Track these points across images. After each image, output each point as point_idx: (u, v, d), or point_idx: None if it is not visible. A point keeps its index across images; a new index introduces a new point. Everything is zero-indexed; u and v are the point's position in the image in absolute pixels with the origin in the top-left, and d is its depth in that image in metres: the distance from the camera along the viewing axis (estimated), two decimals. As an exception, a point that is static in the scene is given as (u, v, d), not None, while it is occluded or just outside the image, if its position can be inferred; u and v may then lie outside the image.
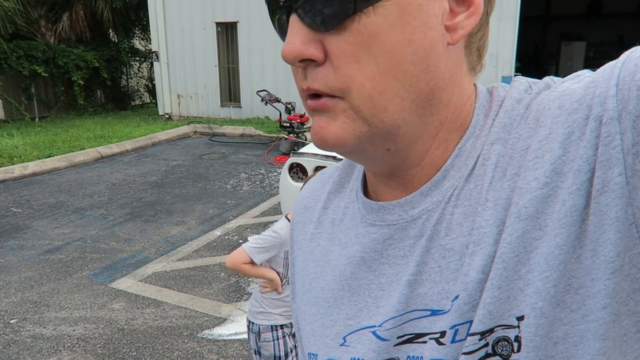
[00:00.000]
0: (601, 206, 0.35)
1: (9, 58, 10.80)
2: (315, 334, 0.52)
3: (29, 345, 2.93)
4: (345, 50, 0.39)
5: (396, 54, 0.39)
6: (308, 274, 0.55)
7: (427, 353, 0.43)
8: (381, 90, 0.40)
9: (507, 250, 0.39)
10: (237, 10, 10.78)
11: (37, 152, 7.87)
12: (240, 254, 1.90)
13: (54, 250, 4.36)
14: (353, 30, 0.38)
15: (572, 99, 0.38)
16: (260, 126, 10.26)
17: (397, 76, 0.39)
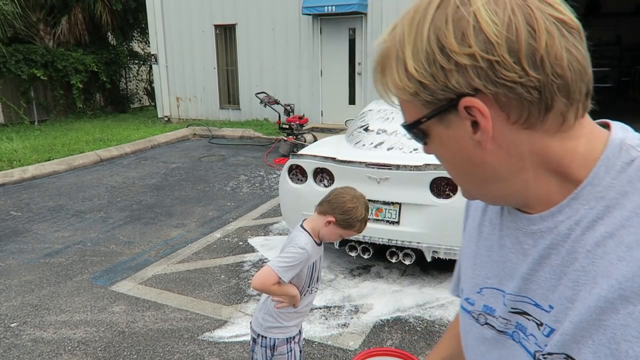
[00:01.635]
0: None
1: (8, 62, 10.81)
2: (465, 277, 0.75)
3: (30, 349, 2.93)
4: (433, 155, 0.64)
5: (451, 163, 0.62)
6: (470, 236, 0.76)
7: (530, 327, 0.61)
8: (457, 178, 0.64)
9: (598, 313, 0.53)
10: (236, 12, 10.80)
11: (36, 156, 7.88)
12: (269, 275, 1.78)
13: (54, 253, 4.36)
14: (429, 148, 0.63)
15: None
16: (260, 128, 10.27)
17: (461, 173, 0.62)
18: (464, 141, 0.57)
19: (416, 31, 0.54)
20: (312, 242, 1.86)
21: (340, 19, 9.94)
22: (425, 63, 0.54)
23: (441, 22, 0.53)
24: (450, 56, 0.52)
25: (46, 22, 12.51)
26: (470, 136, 0.56)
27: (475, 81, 0.52)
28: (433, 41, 0.53)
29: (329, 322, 3.16)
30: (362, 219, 1.84)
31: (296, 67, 10.56)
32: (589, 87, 0.59)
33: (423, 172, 3.33)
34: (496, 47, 0.51)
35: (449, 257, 3.44)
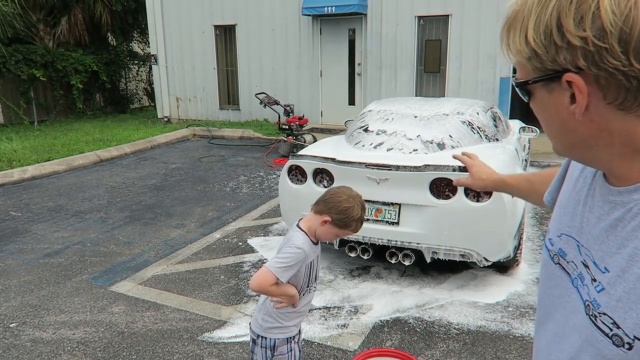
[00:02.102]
0: None
1: (7, 62, 10.81)
2: (553, 220, 0.85)
3: (29, 349, 2.93)
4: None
5: (547, 123, 0.69)
6: (567, 186, 0.85)
7: (587, 279, 0.70)
8: (550, 136, 0.71)
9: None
10: (236, 13, 10.81)
11: (36, 156, 7.87)
12: (267, 276, 1.77)
13: (54, 254, 4.36)
14: (531, 105, 0.70)
15: None
16: (259, 128, 10.27)
17: (554, 133, 0.70)
18: (561, 109, 0.65)
19: (543, 4, 0.61)
20: (309, 242, 1.87)
21: (340, 19, 9.94)
22: (542, 36, 0.61)
23: (566, 3, 0.59)
24: (565, 35, 0.59)
25: (46, 22, 12.51)
26: (566, 106, 0.63)
27: (581, 62, 0.59)
28: (554, 18, 0.60)
29: (328, 322, 3.16)
30: (358, 218, 1.84)
31: (296, 67, 10.57)
32: None
33: (423, 173, 3.34)
34: (608, 35, 0.56)
35: (448, 258, 3.44)
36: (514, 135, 4.72)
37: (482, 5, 8.83)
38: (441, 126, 3.88)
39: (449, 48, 9.21)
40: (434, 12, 9.19)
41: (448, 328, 3.07)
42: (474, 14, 8.91)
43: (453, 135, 3.82)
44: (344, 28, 10.03)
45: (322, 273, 3.84)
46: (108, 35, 13.92)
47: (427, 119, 4.00)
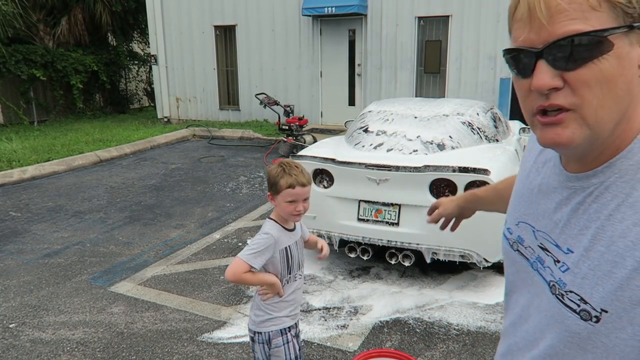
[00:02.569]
0: None
1: (7, 62, 10.81)
2: (510, 210, 0.89)
3: (28, 350, 2.92)
4: (583, 80, 0.60)
5: (614, 84, 0.60)
6: (520, 177, 0.88)
7: (547, 261, 0.75)
8: (602, 105, 0.61)
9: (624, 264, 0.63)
10: (236, 13, 10.81)
11: (35, 156, 7.87)
12: (239, 264, 1.84)
13: (53, 254, 4.35)
14: (588, 69, 0.60)
15: None
16: (259, 129, 10.27)
17: (613, 98, 0.61)
18: (632, 66, 0.61)
19: None
20: (278, 227, 1.93)
21: (340, 20, 9.95)
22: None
23: None
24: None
25: (46, 22, 12.51)
26: (636, 62, 0.61)
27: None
28: None
29: (328, 323, 3.15)
30: (279, 173, 1.88)
31: (296, 68, 10.57)
32: None
33: (423, 174, 3.34)
34: None
35: (448, 259, 3.43)
36: (514, 136, 4.72)
37: (482, 6, 8.84)
38: (441, 127, 3.88)
39: (449, 49, 9.21)
40: (434, 13, 9.20)
41: (448, 329, 3.07)
42: (474, 15, 8.92)
43: (453, 136, 3.82)
44: (344, 28, 10.03)
45: (322, 274, 3.84)
46: (108, 36, 13.92)
47: (427, 119, 4.00)
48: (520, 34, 0.63)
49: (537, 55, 0.62)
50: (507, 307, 0.89)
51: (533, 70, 0.63)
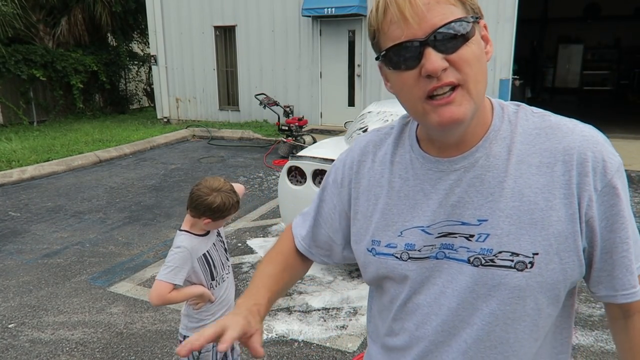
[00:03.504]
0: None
1: (7, 62, 10.81)
2: (379, 228, 0.86)
3: (28, 350, 2.92)
4: (464, 59, 0.73)
5: (482, 62, 0.76)
6: (374, 193, 0.88)
7: (457, 243, 0.79)
8: (479, 80, 0.74)
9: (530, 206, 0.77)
10: (235, 14, 10.81)
11: (35, 156, 7.87)
12: (160, 286, 1.82)
13: (53, 254, 4.35)
14: (465, 50, 0.73)
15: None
16: (259, 129, 10.28)
17: (483, 73, 0.75)
18: (482, 47, 0.77)
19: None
20: (191, 237, 1.90)
21: (340, 20, 9.95)
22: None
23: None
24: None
25: (46, 22, 12.51)
26: (481, 48, 0.77)
27: (479, 12, 0.77)
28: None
29: (327, 324, 3.16)
30: (232, 205, 1.88)
31: (296, 68, 10.57)
32: None
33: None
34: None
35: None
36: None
37: (482, 7, 8.82)
38: (441, 127, 3.88)
39: (449, 49, 9.21)
40: (434, 14, 9.20)
41: (447, 329, 3.07)
42: (474, 16, 8.92)
43: (452, 136, 3.82)
44: (344, 29, 10.04)
45: (321, 274, 3.84)
46: (108, 36, 13.93)
47: (427, 120, 4.00)
48: (399, 32, 0.72)
49: (423, 44, 0.71)
50: (399, 318, 0.87)
51: (420, 59, 0.72)
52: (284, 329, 3.09)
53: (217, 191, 1.86)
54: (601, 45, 16.64)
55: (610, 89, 16.79)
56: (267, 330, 3.09)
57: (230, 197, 1.87)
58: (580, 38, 16.57)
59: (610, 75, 16.78)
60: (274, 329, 3.09)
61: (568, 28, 16.68)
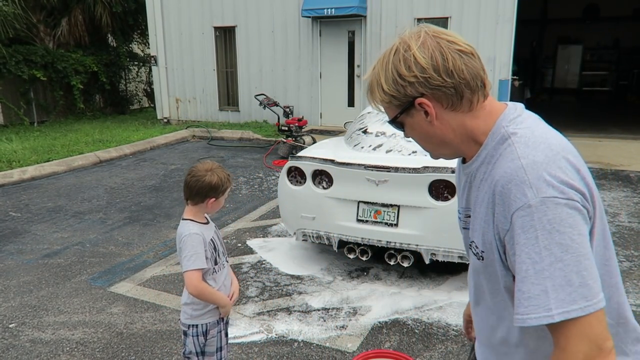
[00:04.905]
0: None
1: (8, 63, 10.82)
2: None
3: (28, 350, 2.93)
4: (410, 136, 1.08)
5: (418, 135, 1.05)
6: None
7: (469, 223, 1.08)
8: (426, 145, 1.08)
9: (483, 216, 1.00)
10: (235, 14, 10.83)
11: (35, 157, 7.88)
12: (191, 276, 1.88)
13: (53, 254, 4.36)
14: (407, 131, 1.07)
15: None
16: (259, 130, 10.29)
17: (424, 140, 1.06)
18: (423, 124, 1.02)
19: (385, 68, 0.99)
20: (197, 224, 1.97)
21: (340, 21, 9.97)
22: (392, 84, 0.99)
23: (397, 61, 0.97)
24: (404, 78, 0.97)
25: (46, 23, 12.52)
26: (425, 120, 1.01)
27: (420, 89, 0.97)
28: (395, 72, 0.98)
29: (327, 324, 3.16)
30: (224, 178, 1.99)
31: (295, 69, 10.59)
32: (483, 81, 0.99)
33: (422, 175, 3.35)
34: (427, 70, 0.95)
35: (447, 260, 3.45)
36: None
37: (481, 8, 8.86)
38: (440, 128, 3.89)
39: (449, 50, 9.22)
40: (433, 15, 9.22)
41: (447, 329, 3.08)
42: (473, 17, 8.94)
43: (452, 137, 3.83)
44: (344, 30, 10.05)
45: (321, 274, 3.85)
46: (108, 37, 13.93)
47: (426, 121, 4.01)
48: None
49: (393, 122, 1.07)
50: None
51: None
52: (284, 329, 3.10)
53: (210, 171, 1.95)
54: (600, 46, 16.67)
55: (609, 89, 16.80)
56: (267, 330, 3.10)
57: (223, 172, 2.00)
58: (580, 39, 16.59)
59: (609, 75, 16.79)
60: (274, 329, 3.10)
61: (567, 29, 16.70)
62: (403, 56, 0.96)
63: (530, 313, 0.85)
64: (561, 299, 0.83)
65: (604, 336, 0.84)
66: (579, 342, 0.83)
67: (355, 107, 10.23)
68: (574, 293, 0.83)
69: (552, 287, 0.83)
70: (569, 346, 0.84)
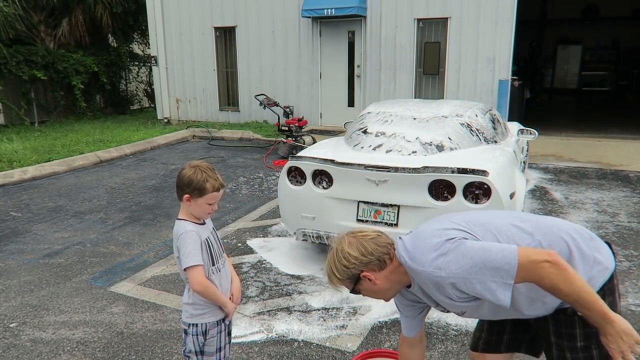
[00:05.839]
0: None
1: (8, 63, 10.83)
2: None
3: (29, 349, 2.94)
4: (363, 295, 1.70)
5: (369, 294, 1.67)
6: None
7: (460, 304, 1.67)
8: (375, 293, 1.68)
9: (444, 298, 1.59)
10: (236, 15, 10.84)
11: (36, 157, 7.89)
12: (192, 273, 1.89)
13: (54, 254, 4.37)
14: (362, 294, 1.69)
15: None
16: (259, 130, 10.30)
17: (376, 294, 1.67)
18: (370, 286, 1.59)
19: (334, 264, 1.59)
20: (192, 223, 1.96)
21: (340, 21, 9.98)
22: (343, 273, 1.57)
23: (339, 258, 1.57)
24: (349, 267, 1.56)
25: (47, 23, 12.53)
26: (372, 284, 1.58)
27: (360, 269, 1.57)
28: (341, 266, 1.57)
29: (327, 323, 3.17)
30: (204, 178, 1.89)
31: (295, 69, 10.60)
32: (388, 244, 1.60)
33: (422, 175, 3.36)
34: (358, 257, 1.55)
35: (446, 259, 3.45)
36: (512, 137, 4.74)
37: (481, 8, 8.87)
38: (440, 128, 3.91)
39: (448, 50, 9.24)
40: (433, 15, 9.23)
41: (446, 329, 3.09)
42: (473, 17, 8.95)
43: (452, 137, 3.84)
44: (344, 30, 10.06)
45: (321, 274, 3.86)
46: (108, 37, 13.95)
47: (426, 121, 4.03)
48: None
49: (353, 292, 1.64)
50: None
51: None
52: (284, 329, 3.11)
53: (195, 167, 1.92)
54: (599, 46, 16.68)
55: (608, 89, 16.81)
56: (267, 330, 3.11)
57: (208, 174, 1.90)
58: (579, 39, 16.60)
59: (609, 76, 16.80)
60: (274, 329, 3.11)
61: (567, 29, 16.71)
62: (342, 254, 1.56)
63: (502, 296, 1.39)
64: (502, 276, 1.38)
65: (537, 251, 1.37)
66: (537, 268, 1.35)
67: (355, 107, 10.24)
68: (501, 269, 1.38)
69: (494, 277, 1.38)
70: (536, 274, 1.35)
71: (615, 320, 1.37)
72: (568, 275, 1.33)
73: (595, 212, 5.24)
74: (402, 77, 9.69)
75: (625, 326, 1.38)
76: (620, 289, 3.55)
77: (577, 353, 1.54)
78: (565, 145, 8.40)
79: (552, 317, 1.56)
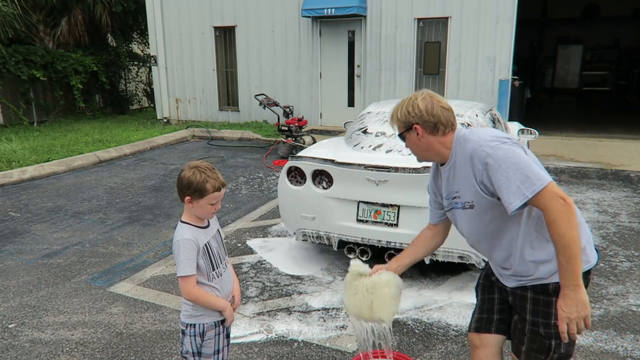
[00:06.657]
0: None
1: (7, 63, 10.82)
2: (442, 194, 1.96)
3: (28, 350, 2.93)
4: (408, 145, 1.91)
5: (415, 147, 1.87)
6: (433, 180, 2.00)
7: (457, 200, 1.82)
8: (418, 152, 1.89)
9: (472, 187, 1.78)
10: (235, 14, 10.83)
11: (35, 157, 7.88)
12: (183, 282, 1.89)
13: (53, 254, 4.36)
14: (406, 142, 1.89)
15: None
16: (259, 130, 10.28)
17: (417, 150, 1.87)
18: (415, 139, 1.80)
19: (402, 106, 1.79)
20: (193, 229, 1.93)
21: (340, 21, 9.97)
22: (403, 117, 1.79)
23: (408, 104, 1.78)
24: (410, 114, 1.76)
25: (46, 23, 12.51)
26: (417, 138, 1.79)
27: (416, 121, 1.76)
28: (405, 110, 1.78)
29: (327, 324, 3.16)
30: (204, 179, 1.87)
31: (295, 69, 10.59)
32: (453, 123, 1.76)
33: (422, 175, 3.34)
34: (423, 113, 1.75)
35: (447, 260, 3.44)
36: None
37: (481, 8, 8.86)
38: (440, 128, 3.89)
39: (448, 50, 9.23)
40: (433, 15, 9.22)
41: (447, 330, 3.08)
42: (473, 17, 8.94)
43: (452, 137, 3.82)
44: (344, 30, 10.05)
45: (321, 274, 3.85)
46: (108, 36, 13.93)
47: (426, 120, 4.01)
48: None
49: (399, 136, 1.85)
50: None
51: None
52: (284, 329, 3.09)
53: (194, 168, 1.90)
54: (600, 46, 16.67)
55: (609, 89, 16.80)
56: (267, 330, 3.09)
57: (208, 174, 1.88)
58: (580, 39, 16.60)
59: (610, 75, 16.80)
60: (274, 329, 3.10)
61: (567, 29, 16.70)
62: (413, 102, 1.76)
63: (514, 200, 1.52)
64: (526, 186, 1.50)
65: (562, 192, 1.50)
66: (553, 199, 1.48)
67: (355, 107, 10.22)
68: (530, 180, 1.50)
69: (520, 182, 1.51)
70: (549, 204, 1.49)
71: (580, 287, 1.49)
72: (572, 219, 1.46)
73: (596, 212, 5.23)
74: (402, 77, 9.68)
75: (585, 298, 1.49)
76: (621, 289, 3.54)
77: (550, 329, 1.68)
78: (565, 145, 8.39)
79: (532, 298, 1.71)
